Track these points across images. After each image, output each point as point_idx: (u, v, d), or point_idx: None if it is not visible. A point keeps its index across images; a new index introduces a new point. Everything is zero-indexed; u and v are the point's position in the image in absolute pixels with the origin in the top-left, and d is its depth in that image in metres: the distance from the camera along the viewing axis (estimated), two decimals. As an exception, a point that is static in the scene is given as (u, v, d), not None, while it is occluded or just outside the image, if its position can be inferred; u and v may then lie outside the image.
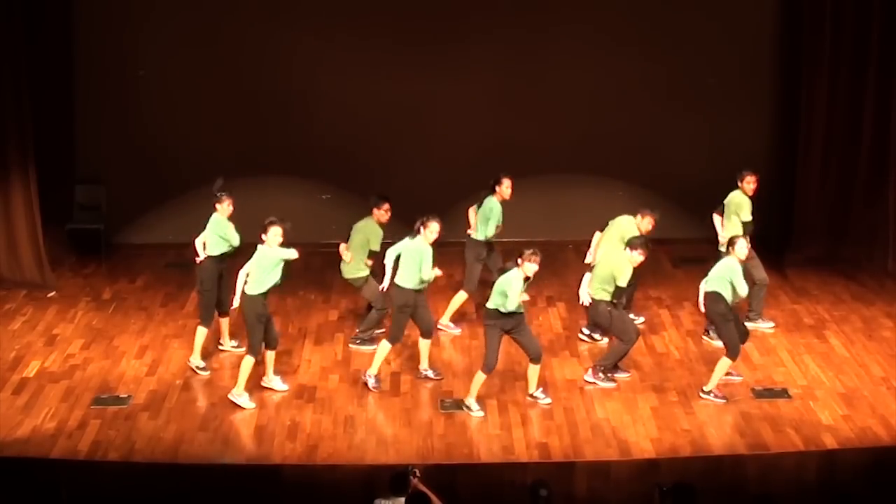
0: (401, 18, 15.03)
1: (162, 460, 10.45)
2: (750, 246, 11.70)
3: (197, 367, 12.04)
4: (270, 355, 11.55)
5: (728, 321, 11.46)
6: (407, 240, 11.61)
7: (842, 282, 14.28)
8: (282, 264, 11.16)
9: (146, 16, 15.02)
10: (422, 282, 11.52)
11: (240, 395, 11.32)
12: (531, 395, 11.42)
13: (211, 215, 11.97)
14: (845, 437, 10.79)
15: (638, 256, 11.59)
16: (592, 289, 11.63)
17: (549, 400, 11.40)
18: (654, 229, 12.32)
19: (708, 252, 12.80)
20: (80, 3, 14.96)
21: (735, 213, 12.54)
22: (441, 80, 15.18)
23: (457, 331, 12.90)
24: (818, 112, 14.60)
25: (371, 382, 11.62)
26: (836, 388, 11.69)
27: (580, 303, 11.80)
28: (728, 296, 11.37)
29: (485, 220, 12.67)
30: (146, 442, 10.73)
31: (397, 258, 11.64)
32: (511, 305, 10.86)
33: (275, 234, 11.11)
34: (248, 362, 11.31)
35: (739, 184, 12.63)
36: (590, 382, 11.73)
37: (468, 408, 11.21)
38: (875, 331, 13.00)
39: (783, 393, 11.58)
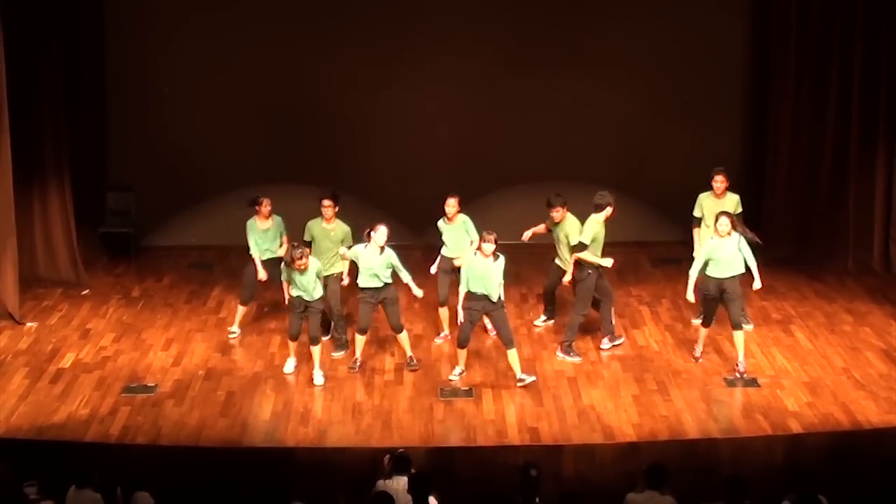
0: (396, 38, 15.00)
1: (186, 444, 10.46)
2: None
3: (230, 332, 12.57)
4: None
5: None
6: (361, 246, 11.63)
7: (806, 280, 14.27)
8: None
9: (174, 34, 15.00)
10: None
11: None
12: (519, 380, 11.46)
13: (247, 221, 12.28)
14: (809, 422, 10.79)
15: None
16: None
17: (533, 377, 11.44)
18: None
19: (684, 253, 12.80)
20: (112, 18, 14.92)
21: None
22: (438, 92, 15.14)
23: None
24: (785, 123, 14.61)
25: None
26: (801, 378, 11.69)
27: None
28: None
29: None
30: (171, 427, 10.74)
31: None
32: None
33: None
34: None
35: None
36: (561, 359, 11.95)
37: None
38: (836, 325, 12.99)
39: (753, 382, 11.57)
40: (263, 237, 12.44)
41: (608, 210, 11.87)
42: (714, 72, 15.27)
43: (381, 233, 11.53)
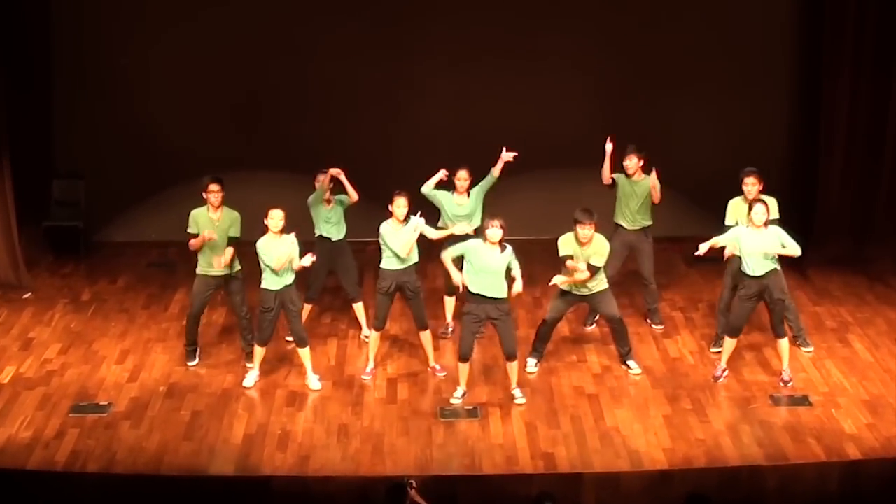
0: (395, 6, 15.01)
1: (144, 472, 10.44)
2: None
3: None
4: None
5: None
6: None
7: (866, 282, 14.28)
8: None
9: (128, 1, 15.01)
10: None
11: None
12: (513, 395, 11.55)
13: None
14: (869, 446, 10.78)
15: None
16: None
17: (523, 399, 11.49)
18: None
19: (723, 251, 12.76)
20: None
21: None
22: (439, 69, 15.18)
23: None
24: (840, 103, 14.59)
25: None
26: (859, 396, 11.69)
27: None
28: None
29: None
30: (127, 452, 10.72)
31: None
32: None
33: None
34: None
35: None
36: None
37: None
38: (901, 334, 13.04)
39: (804, 400, 11.58)
40: (327, 218, 12.58)
41: None
42: (759, 45, 15.27)
43: (398, 204, 11.76)
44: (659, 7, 15.09)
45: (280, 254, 11.49)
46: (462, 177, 12.55)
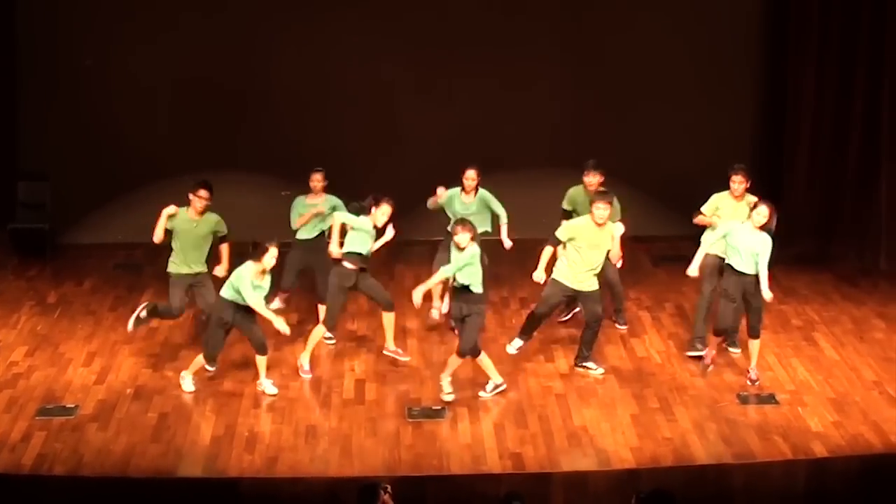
0: (379, 7, 15.00)
1: (111, 474, 10.41)
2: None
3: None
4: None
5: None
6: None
7: (831, 281, 14.37)
8: None
9: (93, 2, 14.95)
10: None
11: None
12: (447, 392, 11.60)
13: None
14: (835, 444, 10.86)
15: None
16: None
17: (451, 397, 11.53)
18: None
19: (690, 250, 12.81)
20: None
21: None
22: (411, 68, 15.18)
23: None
24: (806, 101, 14.70)
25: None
26: (825, 394, 11.76)
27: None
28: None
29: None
30: (95, 455, 10.68)
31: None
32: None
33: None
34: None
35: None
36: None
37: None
38: (867, 332, 13.09)
39: (770, 398, 11.64)
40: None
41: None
42: (724, 44, 15.35)
43: (383, 211, 11.87)
44: (626, 10, 15.13)
45: None
46: (470, 177, 12.65)
